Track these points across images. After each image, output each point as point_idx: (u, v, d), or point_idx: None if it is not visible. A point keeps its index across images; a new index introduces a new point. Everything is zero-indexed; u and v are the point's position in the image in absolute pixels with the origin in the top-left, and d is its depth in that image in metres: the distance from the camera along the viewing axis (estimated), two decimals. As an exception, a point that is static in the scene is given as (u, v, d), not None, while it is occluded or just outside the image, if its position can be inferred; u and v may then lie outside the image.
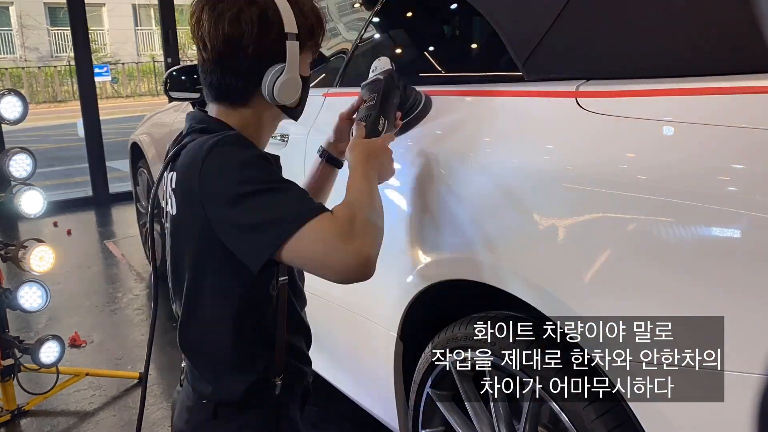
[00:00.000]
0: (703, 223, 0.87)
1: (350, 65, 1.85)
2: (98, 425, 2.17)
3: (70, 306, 3.25)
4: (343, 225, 0.95)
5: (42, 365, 2.21)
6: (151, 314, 1.21)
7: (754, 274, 0.82)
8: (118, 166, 6.65)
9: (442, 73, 1.60)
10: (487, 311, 1.29)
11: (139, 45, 22.52)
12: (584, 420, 1.05)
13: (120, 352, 2.71)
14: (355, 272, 0.95)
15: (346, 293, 1.68)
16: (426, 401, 1.45)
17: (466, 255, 1.26)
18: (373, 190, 1.09)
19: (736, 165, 0.87)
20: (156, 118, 3.38)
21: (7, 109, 2.04)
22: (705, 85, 0.96)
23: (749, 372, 0.82)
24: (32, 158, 2.12)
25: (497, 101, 1.31)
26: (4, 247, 2.18)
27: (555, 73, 1.21)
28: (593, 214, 1.00)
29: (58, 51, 20.80)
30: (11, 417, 2.21)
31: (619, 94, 1.06)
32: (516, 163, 1.16)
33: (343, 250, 0.93)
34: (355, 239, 0.95)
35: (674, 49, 1.05)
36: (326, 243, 0.93)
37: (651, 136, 0.97)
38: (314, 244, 0.94)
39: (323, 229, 0.94)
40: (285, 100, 1.09)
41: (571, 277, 1.03)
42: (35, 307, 2.19)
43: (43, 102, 17.15)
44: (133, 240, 4.31)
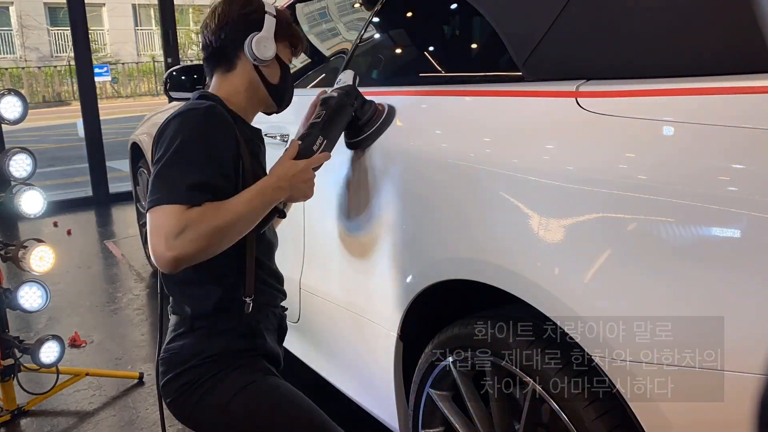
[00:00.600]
0: (703, 223, 0.87)
1: (350, 65, 1.85)
2: (98, 425, 2.17)
3: (70, 306, 3.25)
4: (175, 228, 1.11)
5: (42, 365, 2.21)
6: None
7: (754, 274, 0.82)
8: (118, 166, 6.65)
9: (442, 72, 1.60)
10: (487, 311, 1.29)
11: (139, 45, 22.53)
12: (584, 420, 1.05)
13: (120, 352, 2.71)
14: (160, 265, 1.13)
15: (347, 293, 1.69)
16: (426, 401, 1.45)
17: (466, 255, 1.26)
18: (248, 213, 1.23)
19: (736, 165, 0.87)
20: (156, 118, 3.38)
21: (7, 109, 2.04)
22: (705, 85, 0.96)
23: (749, 372, 0.82)
24: (32, 158, 2.12)
25: (497, 101, 1.31)
26: (4, 247, 2.18)
27: (555, 73, 1.21)
28: (593, 214, 1.00)
29: (58, 51, 20.80)
30: (11, 417, 2.21)
31: (619, 94, 1.06)
32: (516, 163, 1.16)
33: (160, 245, 1.11)
34: (175, 246, 1.10)
35: (674, 49, 1.05)
36: (154, 232, 1.12)
37: (651, 136, 0.97)
38: (151, 225, 1.14)
39: (159, 220, 1.13)
40: (261, 54, 1.36)
41: (571, 277, 1.03)
42: (35, 307, 2.19)
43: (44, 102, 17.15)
44: (133, 240, 4.31)
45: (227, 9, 1.38)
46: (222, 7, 1.39)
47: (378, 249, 1.54)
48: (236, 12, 1.38)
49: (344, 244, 1.68)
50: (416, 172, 1.41)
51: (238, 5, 1.39)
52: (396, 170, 1.48)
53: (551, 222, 1.06)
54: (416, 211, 1.41)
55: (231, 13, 1.38)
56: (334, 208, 1.72)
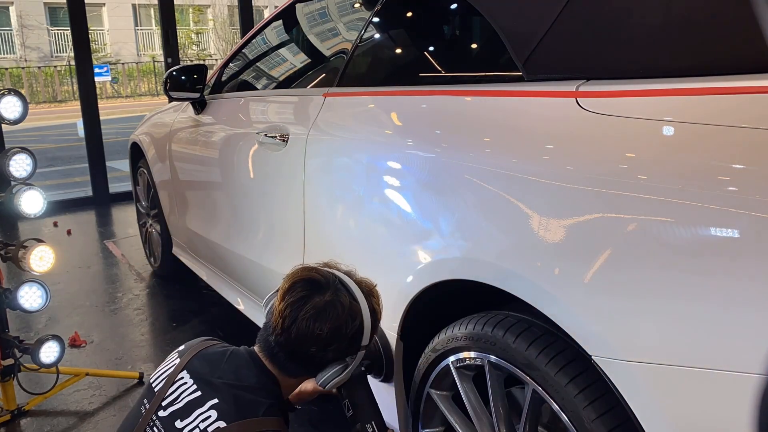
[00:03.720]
0: (703, 223, 0.87)
1: (350, 65, 1.85)
2: (98, 425, 2.17)
3: (70, 306, 3.25)
4: None
5: (42, 365, 2.21)
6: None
7: (754, 274, 0.82)
8: (118, 166, 6.65)
9: (442, 73, 1.60)
10: (487, 311, 1.29)
11: (139, 45, 22.53)
12: (584, 420, 1.05)
13: (120, 352, 2.71)
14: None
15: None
16: (426, 401, 1.45)
17: (466, 255, 1.26)
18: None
19: (736, 165, 0.87)
20: (156, 118, 3.38)
21: (7, 109, 2.04)
22: (705, 85, 0.96)
23: (749, 372, 0.82)
24: (32, 158, 2.12)
25: (497, 101, 1.31)
26: (4, 247, 2.17)
27: (555, 73, 1.21)
28: (593, 214, 1.00)
29: (58, 51, 20.80)
30: (11, 417, 2.21)
31: (619, 94, 1.06)
32: (516, 163, 1.16)
33: None
34: None
35: (674, 49, 1.05)
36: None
37: (651, 136, 0.97)
38: None
39: None
40: (329, 388, 1.36)
41: (571, 277, 1.03)
42: (35, 307, 2.19)
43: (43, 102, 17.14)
44: (133, 240, 4.31)
45: (335, 333, 1.29)
46: (326, 328, 1.28)
47: (378, 249, 1.54)
48: (344, 341, 1.31)
49: (344, 243, 1.68)
50: (416, 173, 1.41)
51: (347, 333, 1.31)
52: (395, 171, 1.48)
53: (551, 222, 1.06)
54: (416, 212, 1.41)
55: (338, 339, 1.30)
56: (334, 209, 1.73)
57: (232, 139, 2.38)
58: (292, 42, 2.49)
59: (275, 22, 2.50)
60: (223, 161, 2.44)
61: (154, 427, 1.26)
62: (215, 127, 2.58)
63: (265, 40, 2.56)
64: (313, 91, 1.99)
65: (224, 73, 2.73)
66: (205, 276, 2.85)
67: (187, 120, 2.82)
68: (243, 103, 2.46)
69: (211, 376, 1.30)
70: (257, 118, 2.30)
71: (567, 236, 1.04)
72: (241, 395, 1.26)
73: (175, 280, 3.47)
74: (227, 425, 1.21)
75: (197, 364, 1.33)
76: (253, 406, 1.25)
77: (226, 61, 2.77)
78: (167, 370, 1.35)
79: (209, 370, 1.31)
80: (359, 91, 1.78)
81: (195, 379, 1.30)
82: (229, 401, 1.25)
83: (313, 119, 1.83)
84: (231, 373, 1.30)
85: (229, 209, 2.43)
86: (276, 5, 1.80)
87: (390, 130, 1.57)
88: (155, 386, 1.32)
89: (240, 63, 2.68)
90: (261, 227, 2.17)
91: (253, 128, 2.20)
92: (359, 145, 1.66)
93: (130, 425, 1.31)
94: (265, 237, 2.15)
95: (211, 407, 1.24)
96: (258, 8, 19.82)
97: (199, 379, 1.30)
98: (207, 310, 3.12)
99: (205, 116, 2.68)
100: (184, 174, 2.88)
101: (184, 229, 2.96)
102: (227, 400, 1.25)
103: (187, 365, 1.33)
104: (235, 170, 2.33)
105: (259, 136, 2.07)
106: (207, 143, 2.60)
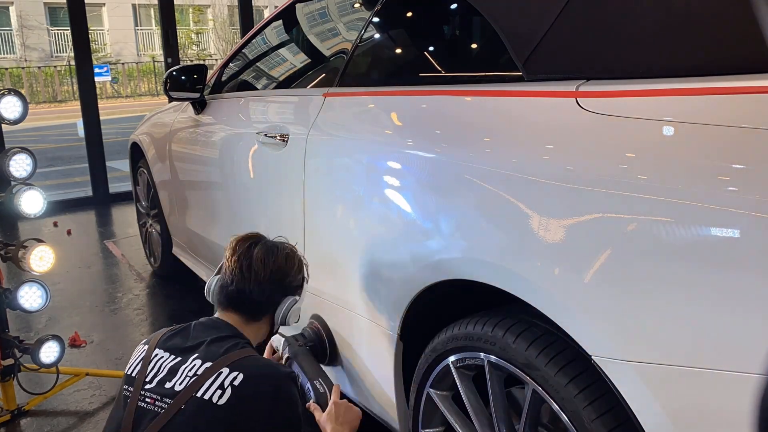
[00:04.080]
0: (703, 223, 0.87)
1: (350, 65, 1.85)
2: (98, 425, 2.17)
3: (70, 306, 3.25)
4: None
5: (42, 365, 2.21)
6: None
7: (754, 274, 0.82)
8: (118, 166, 6.65)
9: (442, 73, 1.60)
10: (487, 311, 1.29)
11: (139, 45, 22.53)
12: (584, 420, 1.05)
13: (120, 352, 2.71)
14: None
15: (346, 293, 1.69)
16: (426, 401, 1.45)
17: (466, 255, 1.26)
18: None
19: (736, 165, 0.87)
20: (156, 118, 3.38)
21: (7, 109, 2.04)
22: (705, 85, 0.96)
23: (749, 372, 0.82)
24: (32, 158, 2.12)
25: (497, 101, 1.31)
26: (4, 247, 2.17)
27: (555, 73, 1.21)
28: (593, 214, 1.00)
29: (58, 51, 20.81)
30: (11, 417, 2.21)
31: (619, 94, 1.06)
32: (516, 163, 1.16)
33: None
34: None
35: (674, 49, 1.05)
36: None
37: (651, 136, 0.97)
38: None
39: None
40: (290, 323, 1.56)
41: (570, 277, 1.03)
42: (35, 307, 2.19)
43: (43, 102, 17.14)
44: (133, 240, 4.31)
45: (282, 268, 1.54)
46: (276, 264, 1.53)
47: (378, 249, 1.54)
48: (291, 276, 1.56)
49: (344, 244, 1.68)
50: (416, 173, 1.41)
51: (292, 268, 1.57)
52: (395, 171, 1.48)
53: (551, 222, 1.06)
54: (416, 212, 1.41)
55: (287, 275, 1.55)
56: (334, 209, 1.73)
57: (232, 139, 2.38)
58: (292, 42, 2.49)
59: (275, 22, 2.50)
60: (223, 161, 2.44)
61: (145, 398, 1.33)
62: (215, 127, 2.58)
63: (265, 40, 2.56)
64: (313, 91, 1.99)
65: (224, 73, 2.74)
66: (205, 276, 2.85)
67: (187, 120, 2.83)
68: (243, 103, 2.46)
69: (183, 344, 1.42)
70: (257, 118, 2.30)
71: (567, 236, 1.04)
72: (217, 344, 1.40)
73: (175, 280, 3.47)
74: (213, 363, 1.34)
75: (168, 341, 1.44)
76: (231, 346, 1.40)
77: (226, 61, 2.77)
78: (140, 356, 1.43)
79: (180, 341, 1.43)
80: (359, 91, 1.78)
81: (170, 351, 1.41)
82: (208, 351, 1.38)
83: (313, 119, 1.83)
84: (201, 335, 1.44)
85: (229, 209, 2.44)
86: (276, 5, 1.80)
87: (390, 130, 1.57)
88: (132, 373, 1.40)
89: (240, 63, 2.68)
90: (261, 227, 2.17)
91: (253, 128, 2.20)
92: (359, 145, 1.66)
93: (118, 414, 1.35)
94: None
95: (193, 359, 1.36)
96: (258, 8, 19.81)
97: (174, 349, 1.41)
98: (207, 310, 3.12)
99: (205, 116, 2.68)
100: (184, 174, 2.88)
101: (184, 229, 2.96)
102: (206, 351, 1.38)
103: (158, 344, 1.44)
104: (235, 170, 2.33)
105: (259, 136, 2.07)
106: (207, 143, 2.60)
